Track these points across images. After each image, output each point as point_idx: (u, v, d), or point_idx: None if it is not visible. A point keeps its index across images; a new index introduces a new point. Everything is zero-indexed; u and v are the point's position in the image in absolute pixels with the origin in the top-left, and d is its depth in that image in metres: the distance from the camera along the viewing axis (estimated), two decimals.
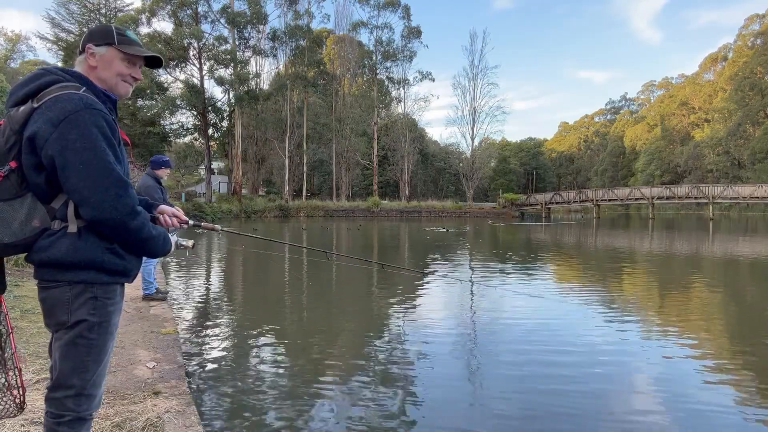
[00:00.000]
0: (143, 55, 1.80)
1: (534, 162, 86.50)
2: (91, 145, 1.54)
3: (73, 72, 1.69)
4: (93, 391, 1.69)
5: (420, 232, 24.42)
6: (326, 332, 5.52)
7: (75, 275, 1.62)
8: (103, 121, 1.58)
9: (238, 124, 42.10)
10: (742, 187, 38.47)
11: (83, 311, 1.63)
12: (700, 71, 79.69)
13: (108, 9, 39.17)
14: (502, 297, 7.41)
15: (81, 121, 1.53)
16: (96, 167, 1.54)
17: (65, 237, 1.61)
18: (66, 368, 1.65)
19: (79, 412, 1.67)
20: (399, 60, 52.62)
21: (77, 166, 1.52)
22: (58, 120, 1.53)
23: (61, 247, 1.60)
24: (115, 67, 1.76)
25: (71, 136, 1.52)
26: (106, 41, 1.75)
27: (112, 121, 1.64)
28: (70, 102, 1.55)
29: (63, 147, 1.52)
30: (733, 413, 3.33)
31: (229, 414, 3.25)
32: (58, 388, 1.66)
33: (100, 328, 1.67)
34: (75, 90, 1.59)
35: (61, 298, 1.63)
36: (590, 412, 3.33)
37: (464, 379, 4.04)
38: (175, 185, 50.15)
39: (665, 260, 13.24)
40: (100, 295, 1.66)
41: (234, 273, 10.45)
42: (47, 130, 1.53)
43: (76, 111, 1.54)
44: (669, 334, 5.35)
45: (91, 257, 1.62)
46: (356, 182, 59.15)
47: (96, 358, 1.68)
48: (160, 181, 5.93)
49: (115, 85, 1.77)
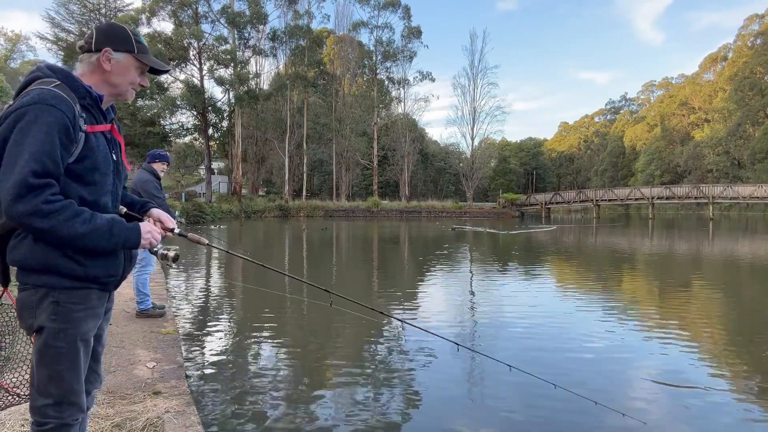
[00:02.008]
0: (162, 69, 1.76)
1: (534, 162, 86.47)
2: (20, 139, 1.46)
3: (56, 68, 1.64)
4: (73, 398, 1.63)
5: (424, 229, 24.41)
6: (326, 331, 5.52)
7: (37, 279, 1.57)
8: (51, 118, 1.48)
9: (238, 124, 42.08)
10: (742, 187, 38.46)
11: (44, 317, 1.57)
12: (700, 71, 79.65)
13: (108, 9, 39.14)
14: (502, 296, 7.41)
15: (25, 116, 1.48)
16: (13, 161, 1.45)
17: (25, 239, 1.56)
18: (42, 376, 1.60)
19: (62, 419, 1.62)
20: (399, 60, 52.66)
21: (5, 158, 1.48)
22: (10, 113, 1.50)
23: (22, 249, 1.57)
24: (129, 75, 1.72)
25: (12, 129, 1.48)
26: (126, 48, 1.69)
27: (74, 117, 1.54)
28: (27, 97, 1.51)
29: (4, 138, 1.49)
30: (735, 414, 3.33)
31: (229, 414, 3.25)
32: (39, 395, 1.60)
33: (66, 335, 1.58)
34: (46, 85, 1.54)
35: (27, 301, 1.59)
36: (590, 411, 3.33)
37: (464, 379, 4.04)
38: (175, 185, 50.16)
39: (666, 260, 13.24)
40: (64, 300, 1.58)
41: (234, 272, 10.44)
42: (1, 123, 1.51)
43: (26, 105, 1.49)
44: (669, 333, 5.35)
45: (46, 261, 1.56)
46: (356, 182, 59.13)
47: (69, 366, 1.60)
48: (158, 176, 5.42)
49: (125, 91, 1.74)
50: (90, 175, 1.60)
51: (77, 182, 1.57)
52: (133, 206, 1.93)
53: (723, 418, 3.26)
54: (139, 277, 5.28)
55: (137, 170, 5.54)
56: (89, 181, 1.60)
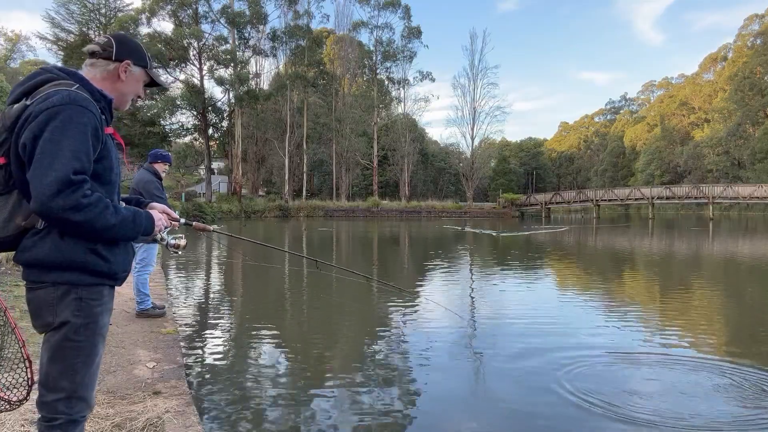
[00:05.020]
0: (164, 86, 1.88)
1: (534, 162, 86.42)
2: (58, 137, 1.51)
3: (68, 70, 1.69)
4: (84, 393, 1.67)
5: (428, 229, 24.39)
6: (326, 332, 5.52)
7: (59, 276, 1.60)
8: (85, 118, 1.55)
9: (238, 124, 42.09)
10: (742, 187, 38.46)
11: (68, 313, 1.61)
12: (700, 71, 79.58)
13: (108, 9, 39.21)
14: (502, 296, 7.41)
15: (59, 115, 1.52)
16: (50, 158, 1.49)
17: (48, 237, 1.58)
18: (55, 371, 1.63)
19: (71, 414, 1.65)
20: (399, 60, 52.61)
21: (38, 155, 1.50)
22: (39, 112, 1.53)
23: (44, 247, 1.58)
24: (137, 87, 1.85)
25: (45, 127, 1.51)
26: (142, 63, 1.82)
27: (100, 119, 1.62)
28: (57, 96, 1.54)
29: (34, 136, 1.51)
30: (737, 414, 3.33)
31: (229, 414, 3.25)
32: (49, 391, 1.63)
33: (87, 329, 1.64)
34: (67, 87, 1.59)
35: (46, 299, 1.61)
36: (590, 410, 3.32)
37: (464, 379, 4.03)
38: (175, 185, 50.15)
39: (667, 260, 13.24)
40: (85, 296, 1.64)
41: (234, 273, 10.44)
42: (29, 122, 1.54)
43: (59, 105, 1.53)
44: (670, 333, 5.35)
45: (74, 258, 1.59)
46: (356, 182, 59.07)
47: (85, 360, 1.65)
48: (159, 176, 5.33)
49: (128, 101, 1.85)
50: (107, 174, 1.69)
51: (96, 181, 1.64)
52: (129, 203, 1.99)
53: (724, 419, 3.25)
54: (139, 277, 5.26)
55: (137, 170, 5.52)
56: (106, 181, 1.68)
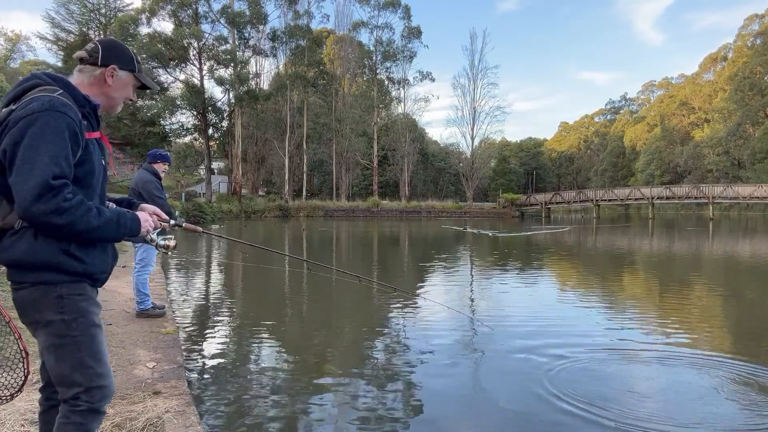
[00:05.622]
0: (154, 89, 1.90)
1: (534, 162, 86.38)
2: (36, 143, 1.52)
3: (55, 76, 1.72)
4: (101, 382, 1.70)
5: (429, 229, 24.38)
6: (326, 331, 5.52)
7: (36, 276, 1.62)
8: (64, 123, 1.57)
9: (238, 124, 42.08)
10: (742, 187, 38.45)
11: (52, 311, 1.63)
12: (700, 71, 79.55)
13: (108, 9, 39.18)
14: (502, 295, 7.41)
15: (37, 122, 1.54)
16: (30, 164, 1.51)
17: (23, 237, 1.60)
18: (66, 369, 1.66)
19: (93, 403, 1.69)
20: (399, 60, 52.63)
21: (18, 162, 1.53)
22: (19, 118, 1.55)
23: (20, 247, 1.60)
24: (126, 91, 1.86)
25: (24, 133, 1.53)
26: (129, 67, 1.83)
27: (80, 124, 1.64)
28: (36, 103, 1.57)
29: (15, 142, 1.54)
30: (739, 415, 3.33)
31: (229, 414, 3.25)
32: (69, 387, 1.67)
33: (78, 324, 1.66)
34: (49, 93, 1.60)
35: (28, 299, 1.64)
36: (590, 411, 3.32)
37: (465, 378, 4.03)
38: (175, 185, 50.14)
39: (667, 260, 13.24)
40: (66, 293, 1.65)
41: (234, 273, 10.44)
42: (9, 128, 1.56)
43: (38, 111, 1.55)
44: (670, 333, 5.35)
45: (47, 259, 1.60)
46: (356, 182, 59.06)
47: (89, 352, 1.68)
48: (159, 176, 5.32)
49: (117, 105, 1.87)
50: (87, 178, 1.69)
51: (77, 185, 1.65)
52: (120, 204, 2.02)
53: (726, 419, 3.25)
54: (139, 277, 5.26)
55: (137, 170, 5.51)
56: (86, 184, 1.69)
